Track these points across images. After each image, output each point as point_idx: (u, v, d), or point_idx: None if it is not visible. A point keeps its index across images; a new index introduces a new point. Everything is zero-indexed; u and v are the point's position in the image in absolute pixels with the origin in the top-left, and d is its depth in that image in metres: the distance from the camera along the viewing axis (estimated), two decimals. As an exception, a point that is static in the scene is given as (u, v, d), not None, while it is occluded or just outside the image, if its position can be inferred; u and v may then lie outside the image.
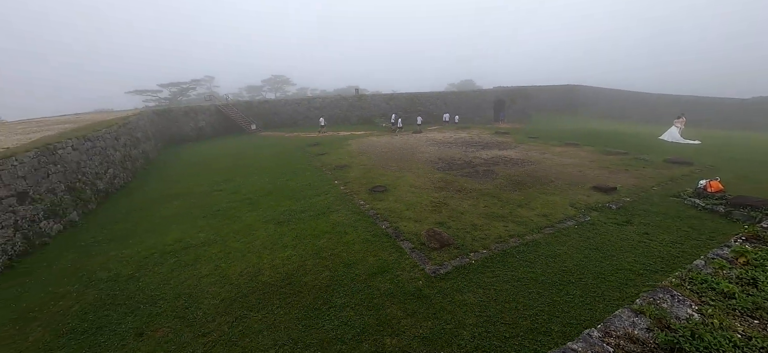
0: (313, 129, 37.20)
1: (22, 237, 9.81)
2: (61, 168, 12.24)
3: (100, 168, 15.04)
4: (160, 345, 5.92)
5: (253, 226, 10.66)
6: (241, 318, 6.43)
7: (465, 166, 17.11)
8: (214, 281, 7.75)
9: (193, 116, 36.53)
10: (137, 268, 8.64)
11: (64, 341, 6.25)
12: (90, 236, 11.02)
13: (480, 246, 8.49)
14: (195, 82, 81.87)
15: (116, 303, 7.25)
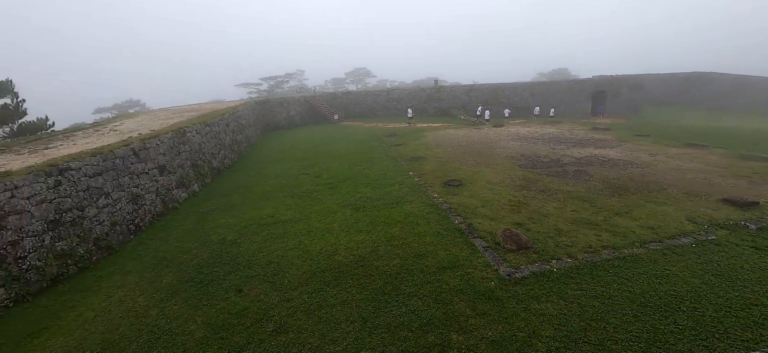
0: (390, 119, 38.04)
1: (161, 201, 12.34)
2: (188, 148, 14.99)
3: (215, 149, 17.95)
4: (254, 302, 6.89)
5: (332, 209, 11.50)
6: (319, 290, 7.06)
7: (552, 164, 15.57)
8: (297, 254, 8.64)
9: (286, 107, 40.62)
10: (239, 235, 10.13)
11: (186, 286, 7.72)
12: (206, 206, 13.28)
13: (564, 254, 7.71)
14: (288, 75, 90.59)
15: (223, 262, 8.64)
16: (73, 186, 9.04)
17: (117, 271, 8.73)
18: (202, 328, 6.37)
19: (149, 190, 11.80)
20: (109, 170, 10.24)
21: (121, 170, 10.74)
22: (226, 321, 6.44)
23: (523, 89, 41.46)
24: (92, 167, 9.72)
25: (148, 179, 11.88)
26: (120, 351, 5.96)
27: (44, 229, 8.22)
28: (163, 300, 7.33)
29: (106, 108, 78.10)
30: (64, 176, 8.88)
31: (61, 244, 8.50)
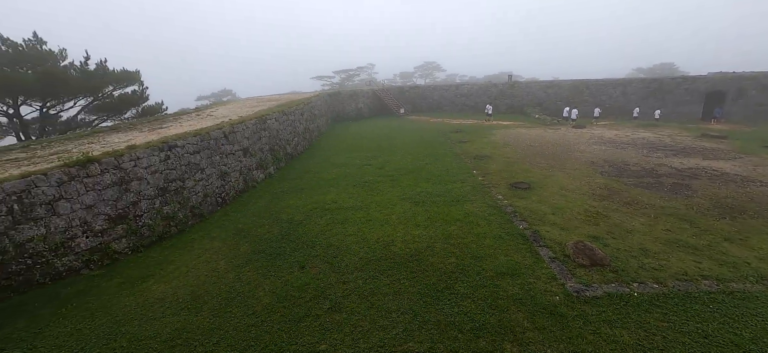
0: (457, 115, 37.00)
1: (243, 179, 13.93)
2: (267, 134, 16.61)
3: (290, 136, 19.56)
4: (314, 279, 7.40)
5: (392, 201, 11.70)
6: (373, 277, 7.29)
7: (644, 174, 13.58)
8: (356, 241, 9.01)
9: (355, 99, 42.20)
10: (305, 217, 10.93)
11: (258, 257, 8.63)
12: (279, 187, 14.59)
13: (649, 278, 6.72)
14: (359, 69, 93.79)
15: (290, 240, 9.43)
16: (178, 160, 10.72)
17: (205, 236, 10.13)
18: (268, 295, 7.08)
19: (234, 169, 13.40)
20: (205, 149, 11.89)
21: (214, 150, 12.37)
22: (288, 293, 7.05)
23: (613, 87, 36.58)
24: (193, 145, 11.38)
25: (234, 159, 13.48)
26: (204, 302, 6.95)
27: (155, 194, 9.92)
28: (239, 266, 8.31)
29: (205, 96, 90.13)
30: (172, 152, 10.58)
31: (166, 208, 10.18)
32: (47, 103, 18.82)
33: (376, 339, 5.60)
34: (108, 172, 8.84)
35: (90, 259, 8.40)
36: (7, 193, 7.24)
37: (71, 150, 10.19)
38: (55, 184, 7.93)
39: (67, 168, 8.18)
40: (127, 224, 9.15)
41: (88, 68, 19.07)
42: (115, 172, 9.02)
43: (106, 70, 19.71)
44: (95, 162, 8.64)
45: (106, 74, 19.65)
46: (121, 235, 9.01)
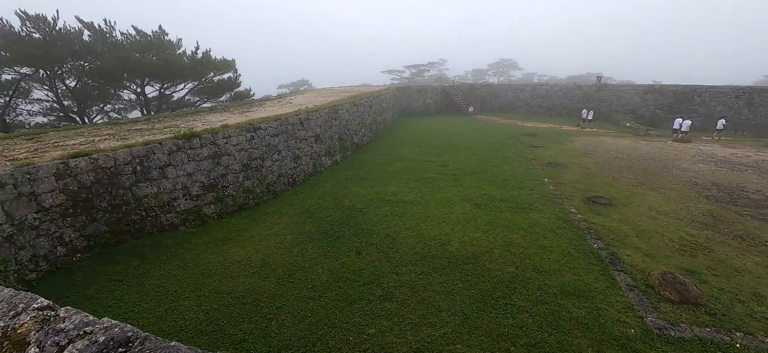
0: (532, 118, 34.43)
1: (312, 164, 14.97)
2: (337, 123, 17.54)
3: (357, 127, 20.37)
4: (369, 266, 7.69)
5: (452, 200, 11.49)
6: (426, 274, 7.30)
7: (767, 205, 11.15)
8: (412, 235, 9.09)
9: (423, 94, 41.98)
10: (365, 205, 11.35)
11: (320, 237, 9.25)
12: (343, 174, 15.34)
13: (761, 330, 5.56)
14: (430, 64, 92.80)
15: (349, 225, 9.91)
16: (260, 141, 11.97)
17: (276, 212, 11.18)
18: (326, 273, 7.58)
19: (306, 153, 14.47)
20: (282, 133, 13.06)
21: (290, 135, 13.51)
22: (344, 275, 7.45)
23: (735, 96, 30.25)
24: (273, 128, 12.58)
25: (307, 145, 14.55)
26: (271, 270, 7.72)
27: (240, 169, 11.24)
28: (303, 243, 9.02)
29: (285, 85, 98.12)
30: (256, 134, 11.85)
31: (247, 182, 11.47)
32: (165, 84, 22.48)
33: (423, 334, 5.63)
34: (206, 146, 10.29)
35: (186, 218, 9.91)
36: (134, 156, 8.91)
37: (179, 125, 12.06)
38: (167, 152, 9.50)
39: (176, 140, 9.74)
40: (216, 192, 10.56)
41: (196, 57, 22.25)
42: (211, 147, 10.45)
43: (209, 59, 22.76)
44: (197, 137, 10.12)
45: (210, 62, 22.69)
46: (210, 201, 10.44)
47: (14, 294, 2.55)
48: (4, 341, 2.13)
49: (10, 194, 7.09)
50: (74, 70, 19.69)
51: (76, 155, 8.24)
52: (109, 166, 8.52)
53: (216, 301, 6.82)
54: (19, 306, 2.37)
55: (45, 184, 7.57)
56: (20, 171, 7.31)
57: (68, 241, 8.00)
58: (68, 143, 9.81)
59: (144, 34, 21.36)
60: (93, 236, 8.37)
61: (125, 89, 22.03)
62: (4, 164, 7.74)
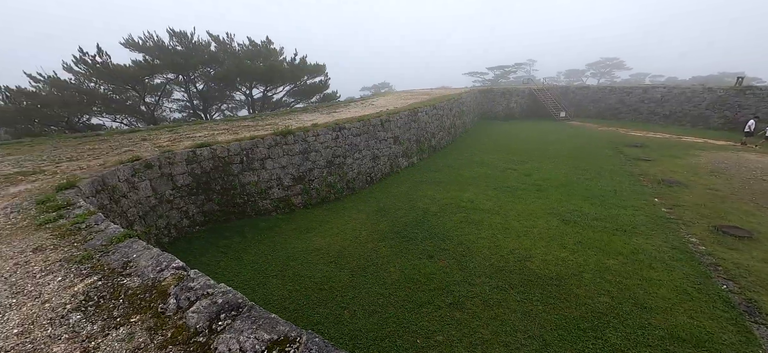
0: (640, 126, 29.47)
1: (390, 165, 15.39)
2: (416, 126, 17.70)
3: (436, 130, 20.23)
4: (440, 271, 7.59)
5: (535, 213, 10.58)
6: (502, 288, 6.87)
7: None
8: (488, 245, 8.66)
9: (508, 97, 39.49)
10: (440, 209, 11.21)
11: (393, 236, 9.46)
12: (419, 177, 15.40)
13: None
14: (517, 65, 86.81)
15: (422, 228, 9.90)
16: (343, 140, 12.81)
17: (354, 208, 11.80)
18: (397, 272, 7.72)
19: (384, 154, 14.95)
20: (364, 134, 13.73)
21: (371, 135, 14.12)
22: (415, 276, 7.49)
23: None
24: (356, 128, 13.33)
25: (385, 145, 15.03)
26: (346, 262, 8.19)
27: (325, 165, 12.20)
28: (377, 240, 9.34)
29: (368, 87, 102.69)
30: (341, 133, 12.71)
31: (330, 178, 12.38)
32: (268, 87, 25.67)
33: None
34: (298, 143, 11.45)
35: (278, 206, 11.16)
36: (242, 148, 10.40)
37: (278, 123, 13.65)
38: (267, 146, 10.85)
39: (275, 136, 11.05)
40: (303, 185, 11.66)
41: (294, 62, 24.88)
42: (302, 143, 11.57)
43: (304, 64, 25.22)
44: (291, 134, 11.33)
45: (305, 67, 25.14)
46: (298, 193, 11.57)
47: (160, 253, 3.25)
48: (154, 289, 2.73)
49: (156, 173, 8.95)
50: (202, 75, 23.87)
51: (202, 146, 9.99)
52: (224, 156, 10.11)
53: (298, 283, 7.53)
54: (163, 264, 3.02)
55: (179, 167, 9.36)
56: (163, 156, 9.18)
57: (191, 215, 9.75)
58: (196, 135, 11.95)
59: (255, 43, 24.76)
60: (208, 213, 10.03)
61: (237, 91, 25.85)
62: (152, 149, 9.82)
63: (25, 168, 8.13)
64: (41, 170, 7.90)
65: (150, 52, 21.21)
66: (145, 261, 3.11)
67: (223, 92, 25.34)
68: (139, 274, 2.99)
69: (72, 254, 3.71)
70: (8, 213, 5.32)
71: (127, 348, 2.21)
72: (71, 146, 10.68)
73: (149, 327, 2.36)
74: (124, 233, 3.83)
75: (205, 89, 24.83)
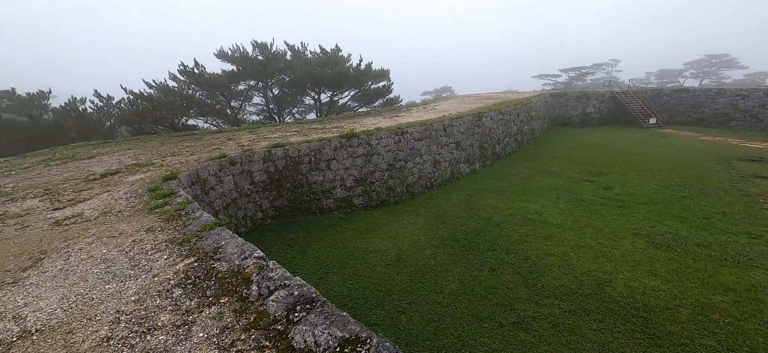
0: (759, 136, 24.39)
1: (450, 170, 15.06)
2: (480, 131, 17.05)
3: (500, 136, 19.24)
4: (503, 286, 7.16)
5: (617, 232, 9.41)
6: (575, 313, 6.23)
7: None
8: (558, 263, 7.93)
9: (584, 101, 35.89)
10: (503, 220, 10.61)
11: (452, 244, 9.21)
12: (482, 184, 14.77)
13: None
14: (596, 66, 78.56)
15: (484, 238, 9.47)
16: (405, 144, 12.89)
17: (413, 212, 11.77)
18: (456, 282, 7.48)
19: (445, 159, 14.68)
20: (426, 138, 13.66)
21: (433, 140, 13.99)
22: (475, 288, 7.18)
23: None
24: (418, 133, 13.33)
25: (447, 151, 14.74)
26: (404, 266, 8.19)
27: (386, 168, 12.40)
28: (436, 246, 9.18)
29: (429, 91, 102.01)
30: (403, 137, 12.82)
31: (391, 181, 12.54)
32: (334, 92, 27.07)
33: (567, 383, 4.83)
34: (361, 145, 11.84)
35: (340, 205, 11.64)
36: (311, 149, 11.10)
37: (343, 126, 14.28)
38: (333, 148, 11.42)
39: (340, 138, 11.58)
40: (364, 186, 11.99)
41: (360, 68, 25.85)
42: (365, 146, 11.93)
43: (369, 69, 26.05)
44: (355, 137, 11.76)
45: (370, 72, 25.97)
46: (359, 194, 11.93)
47: (244, 242, 3.61)
48: (239, 275, 3.04)
49: (238, 169, 10.00)
50: (278, 82, 26.11)
51: (276, 146, 10.90)
52: (295, 156, 10.89)
53: (357, 281, 7.75)
54: (246, 253, 3.34)
55: (256, 165, 10.33)
56: (244, 154, 10.21)
57: (264, 209, 10.67)
58: (271, 136, 13.08)
59: (325, 51, 26.33)
60: (279, 208, 10.88)
61: (307, 95, 27.71)
62: (235, 148, 10.99)
63: (140, 161, 9.73)
64: (151, 163, 9.37)
65: (236, 62, 23.89)
66: (232, 249, 3.49)
67: (295, 96, 27.38)
68: (226, 260, 3.37)
69: (174, 237, 4.32)
70: (128, 198, 6.41)
71: (218, 326, 2.49)
72: (173, 143, 12.49)
73: (235, 310, 2.63)
74: (214, 222, 4.34)
75: (279, 94, 27.10)
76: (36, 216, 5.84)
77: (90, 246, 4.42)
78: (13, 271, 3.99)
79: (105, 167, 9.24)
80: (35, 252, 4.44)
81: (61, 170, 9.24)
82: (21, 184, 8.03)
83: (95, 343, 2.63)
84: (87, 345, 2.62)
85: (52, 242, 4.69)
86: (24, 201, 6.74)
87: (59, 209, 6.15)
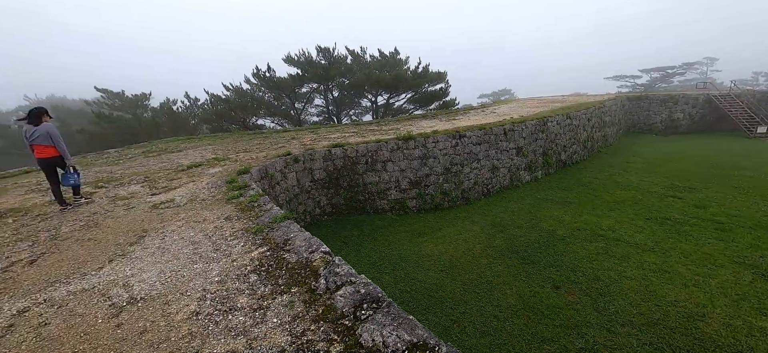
0: None
1: (509, 177, 14.29)
2: (544, 137, 15.92)
3: (567, 143, 17.75)
4: (568, 307, 6.58)
5: (713, 258, 8.09)
6: (657, 347, 5.48)
7: None
8: (636, 289, 7.06)
9: (670, 106, 31.55)
10: (569, 234, 9.76)
11: (511, 255, 8.71)
12: (544, 194, 13.77)
13: None
14: (686, 65, 68.65)
15: (546, 252, 8.80)
16: (462, 148, 12.56)
17: (467, 219, 11.39)
18: (514, 296, 7.07)
19: (504, 165, 13.98)
20: (484, 143, 13.16)
21: (492, 145, 13.42)
22: (536, 306, 6.70)
23: None
24: (476, 137, 12.90)
25: (507, 156, 14.03)
26: (458, 274, 7.96)
27: (441, 172, 12.20)
28: (492, 256, 8.77)
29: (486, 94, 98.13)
30: (460, 141, 12.51)
31: (446, 185, 12.31)
32: (391, 94, 27.43)
33: (646, 425, 4.27)
34: (417, 148, 11.81)
35: (393, 207, 11.73)
36: (368, 150, 11.37)
37: (399, 129, 14.38)
38: (389, 150, 11.56)
39: (397, 140, 11.68)
40: (419, 189, 11.94)
41: (417, 71, 25.86)
42: (422, 149, 11.88)
43: (427, 72, 25.94)
44: (412, 139, 11.77)
45: (427, 75, 25.85)
46: (413, 196, 11.90)
47: (310, 237, 3.82)
48: (307, 267, 3.21)
49: (300, 167, 10.62)
50: (338, 85, 27.24)
51: (336, 146, 11.36)
52: (353, 156, 11.25)
53: (409, 285, 7.73)
54: (313, 246, 3.53)
55: (317, 163, 10.87)
56: (307, 153, 10.82)
57: (322, 206, 11.18)
58: (331, 136, 13.68)
59: (384, 54, 26.84)
60: (335, 206, 11.32)
61: (364, 97, 28.48)
62: (299, 147, 11.69)
63: (218, 155, 10.85)
64: (227, 157, 10.39)
65: (302, 66, 25.48)
66: (300, 242, 3.72)
67: (353, 98, 28.31)
68: (295, 251, 3.59)
69: (249, 226, 4.73)
70: (210, 188, 7.18)
71: (290, 314, 2.66)
72: (245, 141, 13.72)
73: (305, 300, 2.79)
74: (284, 215, 4.66)
75: (339, 96, 28.26)
76: (138, 199, 6.83)
77: (180, 229, 5.04)
78: (123, 245, 4.70)
79: (190, 159, 10.48)
80: (138, 230, 5.19)
81: (157, 161, 10.70)
82: (127, 172, 9.47)
83: (186, 316, 2.98)
84: (180, 317, 2.98)
85: (151, 223, 5.44)
86: (129, 186, 7.93)
87: (156, 194, 7.12)
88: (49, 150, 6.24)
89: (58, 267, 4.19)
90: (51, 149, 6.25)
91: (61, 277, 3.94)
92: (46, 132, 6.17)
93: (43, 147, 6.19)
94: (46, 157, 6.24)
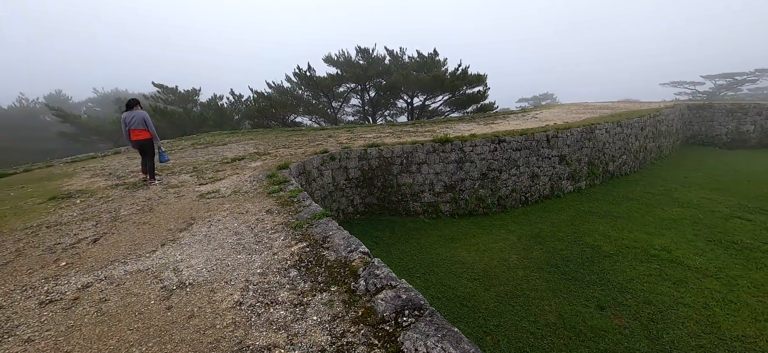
0: None
1: (550, 186, 13.56)
2: (591, 145, 14.93)
3: (616, 152, 16.52)
4: (615, 330, 6.09)
5: (791, 292, 7.12)
6: (722, 387, 4.90)
7: None
8: (696, 319, 6.38)
9: (739, 117, 28.35)
10: (616, 251, 9.06)
11: (550, 268, 8.24)
12: (587, 206, 12.91)
13: None
14: (760, 72, 61.34)
15: (591, 269, 8.22)
16: (501, 153, 12.10)
17: (503, 227, 10.95)
18: (553, 313, 6.66)
19: (545, 173, 13.29)
20: (525, 149, 12.59)
21: (533, 151, 12.81)
22: (577, 326, 6.27)
23: None
24: (516, 142, 12.38)
25: (548, 164, 13.32)
26: (492, 284, 7.66)
27: (477, 177, 11.84)
28: (529, 268, 8.35)
29: (526, 98, 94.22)
30: (500, 146, 12.06)
31: (482, 191, 11.92)
32: (427, 96, 27.15)
33: None
34: (454, 151, 11.55)
35: (426, 210, 11.56)
36: (404, 151, 11.30)
37: (436, 131, 14.16)
38: (425, 152, 11.41)
39: (434, 143, 11.50)
40: (453, 194, 11.67)
41: (456, 73, 25.37)
42: (458, 152, 11.60)
43: (466, 74, 25.34)
44: (449, 142, 11.53)
45: (466, 77, 25.24)
46: (447, 200, 11.65)
47: (349, 235, 3.82)
48: (346, 267, 3.20)
49: (336, 165, 10.77)
50: (374, 85, 27.43)
51: (371, 145, 11.41)
52: (388, 156, 11.23)
53: (441, 291, 7.55)
54: (352, 246, 3.52)
55: (353, 162, 10.98)
56: (343, 151, 10.95)
57: (355, 204, 11.27)
58: (366, 136, 13.76)
59: (422, 55, 26.64)
60: (368, 205, 11.36)
61: (400, 98, 28.42)
62: (335, 145, 11.87)
63: (259, 150, 11.30)
64: (268, 153, 10.79)
65: (340, 66, 25.96)
66: (339, 240, 3.73)
67: (389, 99, 28.36)
68: (334, 249, 3.61)
69: (289, 221, 4.85)
70: (252, 181, 7.48)
71: (330, 313, 2.67)
72: (284, 137, 14.19)
73: (344, 301, 2.78)
74: (322, 212, 4.72)
75: (375, 97, 28.45)
76: (187, 188, 7.27)
77: (225, 219, 5.27)
78: (173, 231, 5.00)
79: (234, 153, 11.01)
80: (187, 218, 5.50)
81: (204, 153, 11.35)
82: (178, 162, 10.13)
83: (230, 305, 3.09)
84: (224, 306, 3.09)
85: (199, 211, 5.75)
86: (180, 176, 8.47)
87: (203, 184, 7.54)
88: (143, 133, 7.39)
89: (116, 248, 4.54)
90: (145, 133, 7.41)
91: (120, 257, 4.26)
92: (142, 118, 7.34)
93: (138, 131, 7.34)
94: (140, 139, 7.41)
